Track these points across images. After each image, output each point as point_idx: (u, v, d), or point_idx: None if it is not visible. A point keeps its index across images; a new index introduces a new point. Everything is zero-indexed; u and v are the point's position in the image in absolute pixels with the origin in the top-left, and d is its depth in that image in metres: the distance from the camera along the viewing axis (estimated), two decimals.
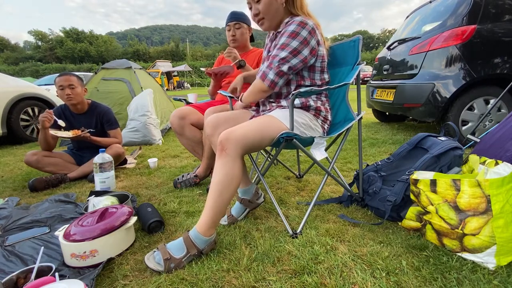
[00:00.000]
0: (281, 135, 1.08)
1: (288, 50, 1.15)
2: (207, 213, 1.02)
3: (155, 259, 0.97)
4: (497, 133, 1.26)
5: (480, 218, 0.91)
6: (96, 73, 4.07)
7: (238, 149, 1.04)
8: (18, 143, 3.62)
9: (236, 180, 1.05)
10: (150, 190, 1.78)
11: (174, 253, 0.98)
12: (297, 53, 1.16)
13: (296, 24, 1.16)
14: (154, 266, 0.96)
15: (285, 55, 1.15)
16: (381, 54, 3.65)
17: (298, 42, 1.15)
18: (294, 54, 1.16)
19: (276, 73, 1.17)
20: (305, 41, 1.16)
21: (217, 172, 1.04)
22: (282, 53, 1.16)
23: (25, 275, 0.88)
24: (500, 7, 2.45)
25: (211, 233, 1.03)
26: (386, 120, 4.17)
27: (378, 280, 0.87)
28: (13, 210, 1.50)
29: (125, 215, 1.13)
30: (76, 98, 2.05)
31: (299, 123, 1.19)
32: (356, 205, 1.40)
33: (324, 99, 1.33)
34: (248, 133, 1.06)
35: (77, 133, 2.00)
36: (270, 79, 1.18)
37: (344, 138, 1.37)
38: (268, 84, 1.19)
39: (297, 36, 1.15)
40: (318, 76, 1.29)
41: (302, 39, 1.15)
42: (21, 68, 43.08)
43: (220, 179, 1.02)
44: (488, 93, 2.44)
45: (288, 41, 1.15)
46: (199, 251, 1.00)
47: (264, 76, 1.19)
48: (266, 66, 1.20)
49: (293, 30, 1.15)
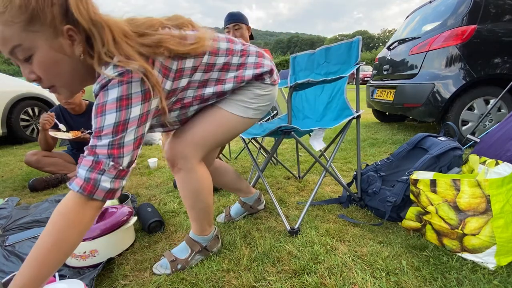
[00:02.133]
0: (279, 128, 1.08)
1: (109, 132, 0.66)
2: (194, 221, 0.99)
3: (162, 266, 0.97)
4: (497, 133, 1.26)
5: (480, 218, 0.91)
6: None
7: (191, 160, 0.89)
8: (18, 143, 3.62)
9: (205, 184, 0.94)
10: (150, 190, 1.78)
11: (179, 255, 0.99)
12: (124, 126, 0.67)
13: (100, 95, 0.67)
14: (162, 271, 0.96)
15: (109, 140, 0.66)
16: (381, 54, 3.65)
17: (114, 112, 0.65)
18: (121, 130, 0.67)
19: (115, 176, 0.68)
20: (123, 101, 0.66)
21: (179, 189, 0.95)
22: (103, 140, 0.66)
23: None
24: (500, 7, 2.45)
25: (208, 231, 1.03)
26: (386, 120, 4.16)
27: (378, 280, 0.87)
28: (13, 210, 1.51)
29: (125, 215, 1.13)
30: (75, 101, 2.04)
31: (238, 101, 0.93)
32: (356, 205, 1.40)
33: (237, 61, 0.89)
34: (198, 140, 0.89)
35: (76, 134, 2.00)
36: (106, 188, 0.67)
37: (342, 136, 1.37)
38: (103, 196, 0.68)
39: (104, 106, 0.66)
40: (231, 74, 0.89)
41: (115, 104, 0.65)
42: None
43: (185, 194, 0.94)
44: (488, 93, 2.44)
45: (99, 121, 0.66)
46: (202, 247, 1.01)
47: (92, 187, 0.65)
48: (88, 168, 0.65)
49: (96, 105, 0.67)
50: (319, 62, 1.63)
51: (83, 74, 0.72)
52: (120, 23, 0.68)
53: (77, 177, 0.66)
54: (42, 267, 0.63)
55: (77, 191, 0.65)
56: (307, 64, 1.69)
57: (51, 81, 0.69)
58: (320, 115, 1.61)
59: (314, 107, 1.68)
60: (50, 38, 0.63)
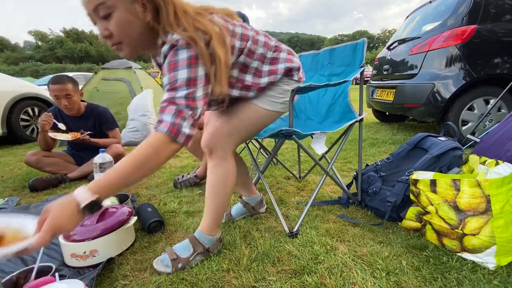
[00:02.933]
0: (280, 131, 1.08)
1: (183, 85, 0.78)
2: (208, 215, 1.03)
3: (163, 262, 0.98)
4: (497, 133, 1.26)
5: (480, 218, 0.91)
6: (96, 73, 4.07)
7: (226, 148, 1.00)
8: (18, 143, 3.62)
9: (230, 181, 1.03)
10: (150, 190, 1.78)
11: (181, 253, 0.98)
12: (195, 82, 0.79)
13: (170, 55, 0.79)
14: (163, 269, 0.96)
15: (185, 93, 0.78)
16: (381, 54, 3.65)
17: (185, 69, 0.78)
18: (193, 85, 0.79)
19: (192, 124, 0.81)
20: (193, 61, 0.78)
21: (210, 175, 1.02)
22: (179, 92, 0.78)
23: (25, 275, 0.88)
24: (500, 7, 2.45)
25: (215, 232, 1.04)
26: (386, 120, 4.17)
27: (378, 280, 0.87)
28: (13, 210, 1.50)
29: (125, 215, 1.13)
30: (74, 107, 2.02)
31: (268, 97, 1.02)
32: (356, 205, 1.40)
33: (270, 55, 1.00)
34: (233, 130, 1.01)
35: (76, 135, 2.00)
36: (186, 134, 0.79)
37: (344, 139, 1.37)
38: (183, 141, 0.80)
39: (177, 64, 0.78)
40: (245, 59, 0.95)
41: (186, 62, 0.78)
42: (21, 68, 43.13)
43: (213, 182, 1.01)
44: (488, 93, 2.44)
45: (173, 76, 0.78)
46: (205, 249, 1.01)
47: (177, 131, 0.77)
48: (172, 115, 0.77)
49: (169, 62, 0.79)
50: (323, 63, 1.62)
51: (147, 39, 0.84)
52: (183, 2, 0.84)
53: (163, 122, 0.77)
54: (120, 175, 0.74)
55: (165, 132, 0.76)
56: (311, 64, 1.69)
57: (120, 38, 0.80)
58: (323, 117, 1.60)
59: (317, 108, 1.67)
60: (128, 3, 0.76)
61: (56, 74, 2.47)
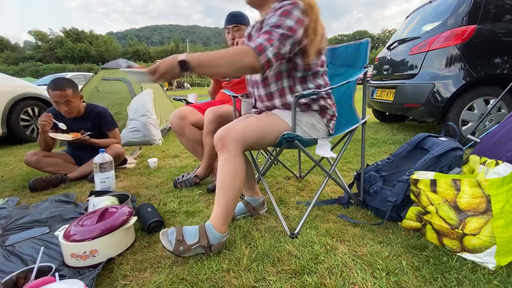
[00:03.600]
0: (282, 136, 1.08)
1: (285, 28, 0.99)
2: (218, 208, 1.05)
3: (169, 237, 0.99)
4: (497, 134, 1.26)
5: (480, 218, 0.91)
6: (96, 73, 4.07)
7: (238, 145, 1.03)
8: (18, 143, 3.62)
9: (240, 175, 1.05)
10: (150, 190, 1.78)
11: (187, 238, 1.00)
12: (295, 32, 1.00)
13: (287, 5, 1.02)
14: (165, 243, 0.98)
15: (283, 32, 0.98)
16: (381, 54, 3.65)
17: (293, 20, 1.00)
18: (292, 32, 1.00)
19: (275, 53, 0.98)
20: (300, 21, 1.01)
21: (220, 170, 1.05)
22: (279, 29, 0.99)
23: (25, 275, 0.88)
24: (500, 7, 2.45)
25: (224, 230, 1.04)
26: (386, 120, 4.17)
27: (378, 280, 0.87)
28: (13, 210, 1.50)
29: (125, 215, 1.13)
30: (73, 111, 2.02)
31: (303, 123, 1.18)
32: (356, 205, 1.40)
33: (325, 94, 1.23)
34: (247, 129, 1.05)
35: (76, 136, 1.99)
36: (268, 57, 0.97)
37: (347, 141, 1.37)
38: (263, 62, 0.97)
39: (290, 14, 1.00)
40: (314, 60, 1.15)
41: (296, 18, 1.00)
42: (21, 68, 43.13)
43: (223, 177, 1.04)
44: (488, 93, 2.44)
45: (282, 20, 1.00)
46: (208, 245, 1.01)
47: (262, 50, 0.96)
48: (264, 39, 0.98)
49: (285, 9, 1.01)
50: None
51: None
52: None
53: (254, 41, 0.98)
54: (208, 55, 0.95)
55: (253, 47, 0.96)
56: None
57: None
58: None
59: None
60: None
61: (55, 75, 2.46)
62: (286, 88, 1.17)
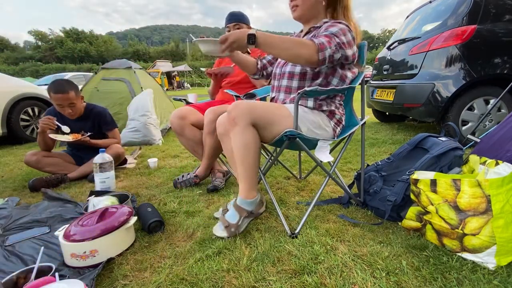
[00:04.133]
0: (284, 133, 1.08)
1: (342, 41, 1.12)
2: (241, 180, 1.14)
3: (220, 228, 1.14)
4: (497, 134, 1.26)
5: (480, 218, 0.91)
6: (96, 73, 4.07)
7: (247, 118, 1.08)
8: (18, 143, 3.62)
9: (252, 147, 1.10)
10: (150, 190, 1.78)
11: (231, 220, 1.13)
12: (347, 48, 1.14)
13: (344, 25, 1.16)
14: (220, 233, 1.12)
15: (340, 41, 1.11)
16: (381, 54, 3.65)
17: (349, 39, 1.14)
18: (345, 47, 1.13)
19: (330, 55, 1.11)
20: (352, 41, 1.16)
21: (233, 144, 1.11)
22: (337, 38, 1.11)
23: (25, 275, 0.88)
24: (500, 7, 2.45)
25: (253, 195, 1.16)
26: (386, 120, 4.17)
27: (378, 280, 0.87)
28: (13, 210, 1.50)
29: (125, 215, 1.13)
30: (76, 112, 2.03)
31: (310, 120, 1.20)
32: (356, 205, 1.40)
33: (338, 103, 1.33)
34: (257, 106, 1.10)
35: (77, 137, 1.99)
36: (325, 56, 1.09)
37: (346, 142, 1.37)
38: (321, 58, 1.09)
39: (347, 34, 1.14)
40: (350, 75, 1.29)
41: (351, 39, 1.15)
42: (21, 68, 43.11)
43: (236, 152, 1.10)
44: (488, 93, 2.44)
45: (341, 34, 1.13)
46: (249, 213, 1.15)
47: (324, 48, 1.08)
48: (326, 40, 1.10)
49: (344, 28, 1.15)
50: None
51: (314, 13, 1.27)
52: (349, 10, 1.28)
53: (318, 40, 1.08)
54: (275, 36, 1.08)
55: (316, 43, 1.07)
56: None
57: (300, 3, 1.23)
58: None
59: None
60: None
61: (55, 75, 2.45)
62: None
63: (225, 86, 2.02)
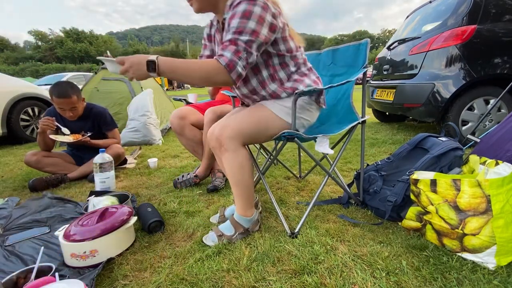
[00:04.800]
0: (282, 134, 1.08)
1: (248, 32, 0.95)
2: (237, 200, 1.12)
3: (211, 238, 1.12)
4: (497, 134, 1.26)
5: (480, 218, 0.91)
6: (96, 73, 4.07)
7: (236, 141, 1.05)
8: (18, 143, 3.62)
9: (246, 167, 1.08)
10: (150, 190, 1.78)
11: (225, 232, 1.12)
12: (258, 35, 0.96)
13: (245, 3, 0.96)
14: (211, 243, 1.10)
15: (247, 39, 0.95)
16: (381, 54, 3.65)
17: (255, 21, 0.95)
18: (255, 37, 0.96)
19: (244, 66, 0.98)
20: (261, 19, 0.96)
21: (226, 168, 1.09)
22: (243, 37, 0.95)
23: (25, 275, 0.88)
24: (500, 7, 2.45)
25: (251, 213, 1.14)
26: (386, 120, 4.17)
27: (378, 280, 0.87)
28: (13, 210, 1.50)
29: (125, 215, 1.13)
30: (77, 114, 2.04)
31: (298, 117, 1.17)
32: (356, 205, 1.40)
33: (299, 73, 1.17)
34: (243, 125, 1.07)
35: (77, 137, 1.99)
36: (239, 72, 0.97)
37: (346, 141, 1.37)
38: (235, 77, 0.98)
39: (251, 15, 0.95)
40: (283, 47, 1.09)
41: (258, 17, 0.95)
42: (21, 68, 43.12)
43: (232, 173, 1.09)
44: (488, 93, 2.44)
45: (244, 22, 0.95)
46: (245, 229, 1.13)
47: (233, 67, 0.95)
48: (232, 53, 0.95)
49: (245, 9, 0.95)
50: (325, 63, 1.62)
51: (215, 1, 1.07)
52: None
53: (223, 56, 0.95)
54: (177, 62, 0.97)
55: (223, 65, 0.94)
56: (313, 64, 1.68)
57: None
58: (325, 117, 1.60)
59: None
60: None
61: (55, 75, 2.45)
62: (267, 78, 1.13)
63: (225, 86, 2.02)
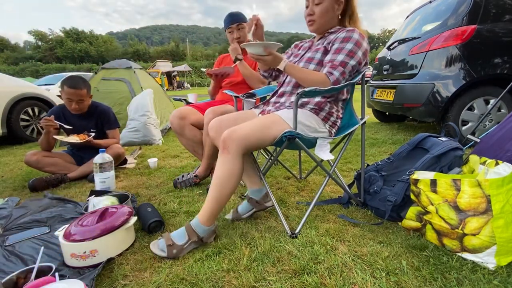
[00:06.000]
0: (284, 134, 1.08)
1: (356, 59, 1.22)
2: (208, 204, 1.09)
3: (159, 246, 1.05)
4: (497, 134, 1.26)
5: (480, 218, 0.91)
6: (96, 73, 4.07)
7: (239, 148, 1.07)
8: (18, 143, 3.62)
9: (236, 177, 1.09)
10: (150, 190, 1.78)
11: (177, 240, 1.05)
12: (360, 64, 1.25)
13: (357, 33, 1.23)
14: (158, 252, 1.04)
15: (354, 64, 1.22)
16: (381, 54, 3.65)
17: (362, 52, 1.23)
18: (359, 64, 1.25)
19: (344, 79, 1.23)
20: (366, 52, 1.26)
21: (218, 168, 1.09)
22: (352, 61, 1.21)
23: (25, 275, 0.88)
24: (500, 7, 2.45)
25: (210, 223, 1.10)
26: (386, 120, 4.17)
27: (378, 280, 0.87)
28: (13, 210, 1.50)
29: (125, 215, 1.13)
30: (82, 109, 2.05)
31: (305, 125, 1.20)
32: (356, 205, 1.40)
33: (339, 107, 1.35)
34: (250, 132, 1.09)
35: (84, 138, 2.00)
36: (341, 83, 1.21)
37: (346, 142, 1.37)
38: (337, 86, 1.18)
39: (361, 46, 1.23)
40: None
41: (364, 50, 1.24)
42: (21, 68, 43.11)
43: (220, 174, 1.08)
44: (488, 93, 2.44)
45: (356, 50, 1.21)
46: (199, 238, 1.07)
47: (337, 84, 1.20)
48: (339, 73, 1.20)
49: (357, 39, 1.22)
50: None
51: (329, 24, 1.33)
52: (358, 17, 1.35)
53: (333, 75, 1.19)
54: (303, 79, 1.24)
55: (331, 81, 1.19)
56: None
57: (317, 18, 1.29)
58: None
59: None
60: (333, 1, 1.27)
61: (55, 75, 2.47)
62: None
63: (225, 86, 2.02)
